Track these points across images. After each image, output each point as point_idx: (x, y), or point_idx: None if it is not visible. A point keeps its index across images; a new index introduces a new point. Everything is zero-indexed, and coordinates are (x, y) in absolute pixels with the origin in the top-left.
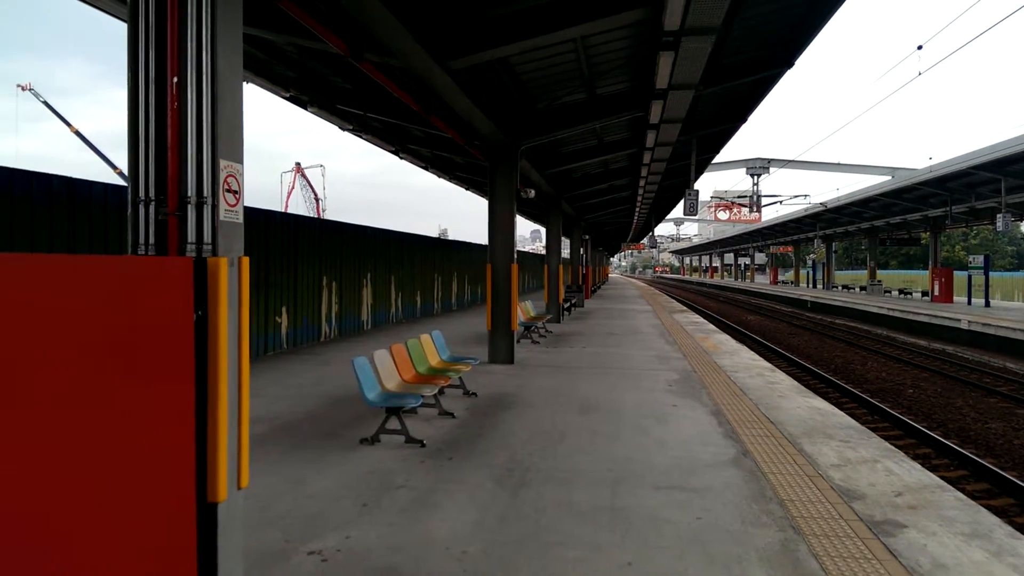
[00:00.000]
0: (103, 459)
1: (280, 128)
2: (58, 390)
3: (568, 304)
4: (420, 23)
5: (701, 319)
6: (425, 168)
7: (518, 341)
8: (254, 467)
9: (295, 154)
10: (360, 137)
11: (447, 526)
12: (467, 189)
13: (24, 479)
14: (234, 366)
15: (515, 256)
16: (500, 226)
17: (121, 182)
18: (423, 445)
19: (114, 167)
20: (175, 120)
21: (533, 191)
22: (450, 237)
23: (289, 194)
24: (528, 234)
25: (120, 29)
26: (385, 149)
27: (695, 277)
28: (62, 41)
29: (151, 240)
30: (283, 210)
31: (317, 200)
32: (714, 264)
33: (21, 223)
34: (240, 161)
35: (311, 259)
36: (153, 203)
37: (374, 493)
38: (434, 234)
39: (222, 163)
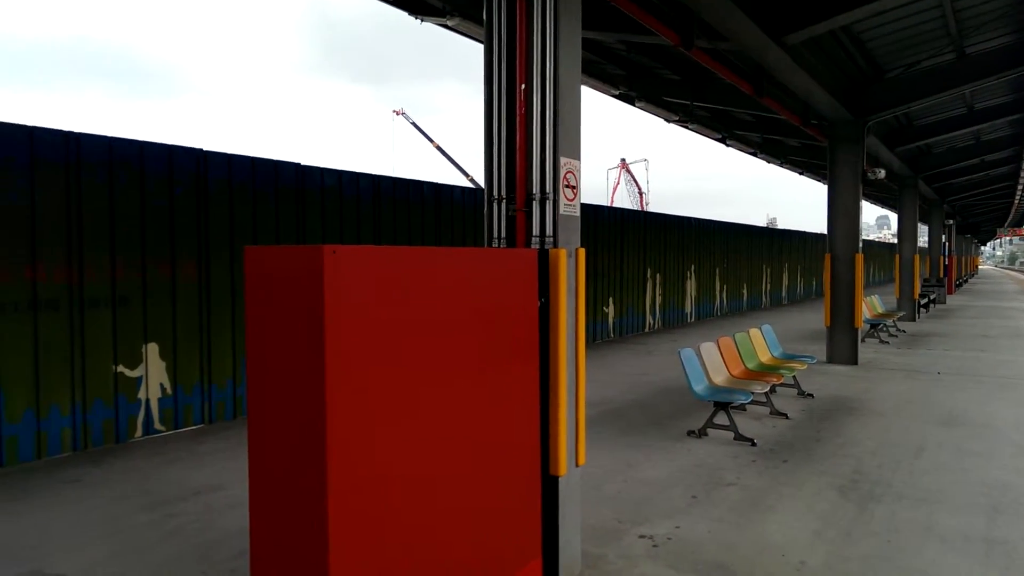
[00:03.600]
0: (484, 425)
1: (606, 126)
2: (457, 361)
3: (925, 300)
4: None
5: None
6: (754, 154)
7: (862, 340)
8: (586, 448)
9: (620, 150)
10: (686, 127)
11: (783, 531)
12: (801, 173)
13: (445, 431)
14: (571, 351)
15: (860, 245)
16: (842, 212)
17: (470, 185)
18: (754, 444)
19: (466, 174)
20: (522, 124)
21: (883, 171)
22: (779, 226)
23: (614, 189)
24: (873, 220)
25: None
26: (711, 138)
27: None
28: (443, 66)
29: (503, 234)
30: (609, 204)
31: (641, 194)
32: None
33: (401, 221)
34: (578, 158)
35: (636, 251)
36: (504, 201)
37: (703, 487)
38: (761, 223)
39: (562, 160)
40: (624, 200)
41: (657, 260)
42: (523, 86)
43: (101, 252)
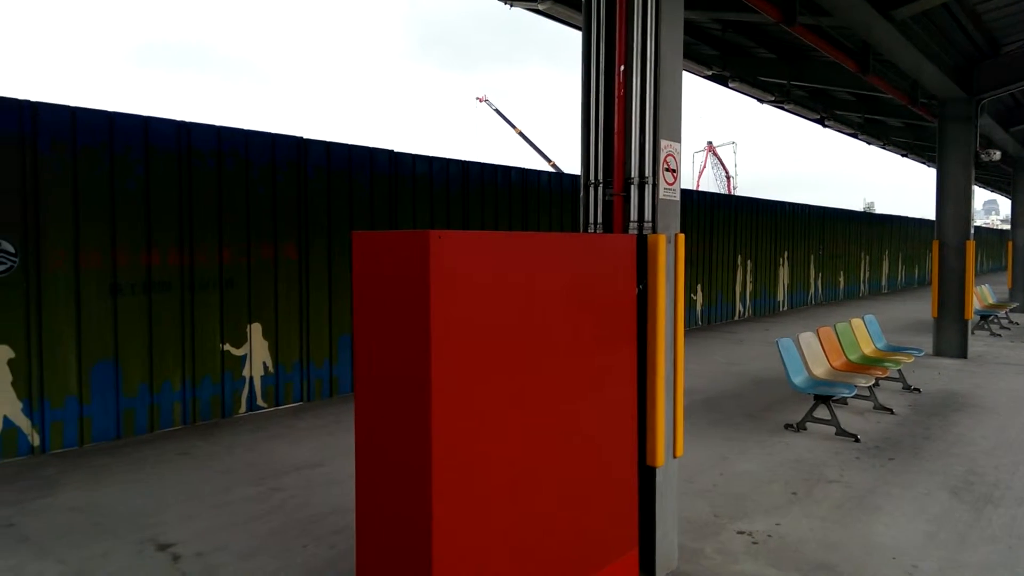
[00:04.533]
0: (582, 412)
1: (691, 108)
2: (555, 347)
3: None
4: None
5: None
6: (854, 135)
7: (972, 332)
8: None
9: (706, 133)
10: (781, 108)
11: (891, 533)
12: (904, 155)
13: (551, 412)
14: (670, 339)
15: (971, 231)
16: (952, 196)
17: (550, 169)
18: (857, 440)
19: (547, 159)
20: (621, 106)
21: (997, 153)
22: (876, 210)
23: (700, 173)
24: (980, 206)
25: (571, 34)
26: (808, 118)
27: None
28: (526, 50)
29: (599, 219)
30: (695, 188)
31: (728, 177)
32: None
33: (489, 205)
34: (679, 140)
35: (725, 237)
36: (601, 185)
37: (803, 483)
38: (857, 208)
39: (663, 143)
40: (710, 184)
41: (748, 246)
42: (622, 68)
43: (210, 236)
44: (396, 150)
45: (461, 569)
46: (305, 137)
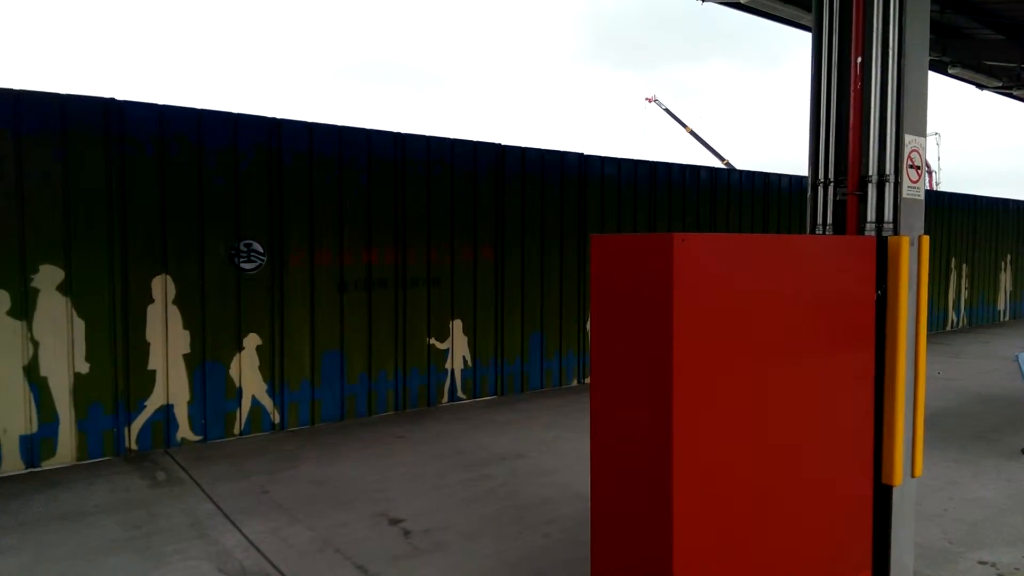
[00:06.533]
0: (819, 424)
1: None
2: (790, 354)
3: None
4: None
5: None
6: None
7: None
8: None
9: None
10: (1008, 95)
11: None
12: None
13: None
14: (911, 349)
15: None
16: None
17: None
18: None
19: (720, 157)
20: (857, 100)
21: None
22: None
23: None
24: None
25: (753, 24)
26: None
27: None
28: (706, 45)
29: (828, 220)
30: None
31: (930, 172)
32: None
33: (676, 205)
34: (924, 135)
35: (936, 238)
36: (832, 184)
37: None
38: None
39: (906, 138)
40: None
41: (963, 249)
42: (859, 59)
43: (419, 238)
44: (585, 153)
45: (700, 573)
46: (503, 144)
